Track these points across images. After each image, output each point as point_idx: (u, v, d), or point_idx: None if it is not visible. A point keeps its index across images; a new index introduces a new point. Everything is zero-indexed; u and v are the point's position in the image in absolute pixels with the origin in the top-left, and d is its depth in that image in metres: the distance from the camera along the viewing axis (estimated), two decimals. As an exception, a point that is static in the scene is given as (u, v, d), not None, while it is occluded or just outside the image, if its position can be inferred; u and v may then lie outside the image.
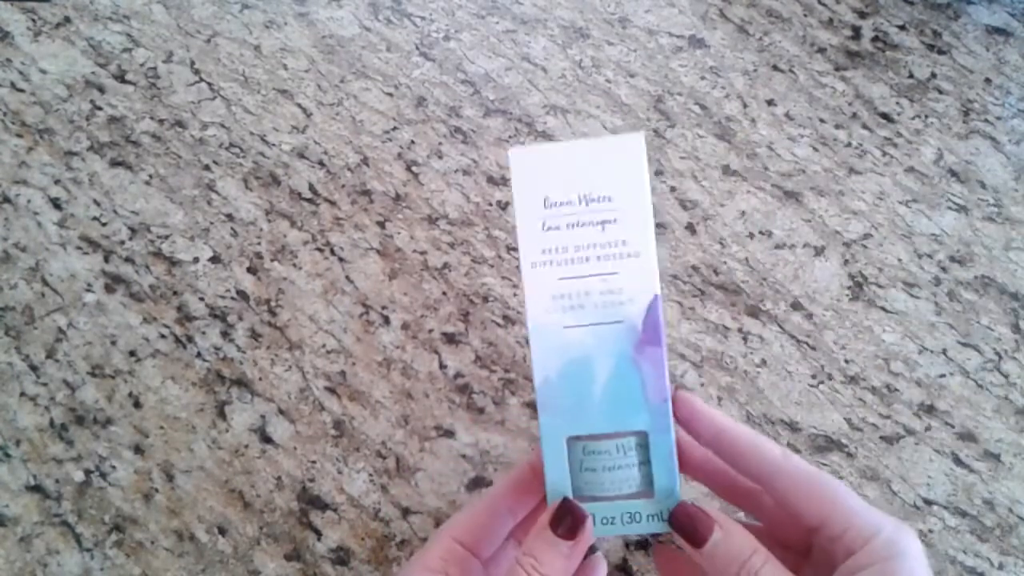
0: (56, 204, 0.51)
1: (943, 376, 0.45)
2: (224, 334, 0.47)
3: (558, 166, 0.33)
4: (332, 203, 0.51)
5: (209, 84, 0.56)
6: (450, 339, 0.46)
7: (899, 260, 0.49)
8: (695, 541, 0.30)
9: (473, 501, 0.35)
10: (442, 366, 0.45)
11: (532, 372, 0.32)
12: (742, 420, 0.44)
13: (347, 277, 0.48)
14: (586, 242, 0.32)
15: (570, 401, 0.32)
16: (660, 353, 0.32)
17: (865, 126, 0.54)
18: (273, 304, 0.48)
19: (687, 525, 0.30)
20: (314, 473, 0.43)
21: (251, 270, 0.49)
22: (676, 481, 0.32)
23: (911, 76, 0.56)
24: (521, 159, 0.33)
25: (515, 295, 0.48)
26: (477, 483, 0.41)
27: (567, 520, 0.31)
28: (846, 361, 0.45)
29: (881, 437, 0.43)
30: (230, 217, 0.51)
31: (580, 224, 0.32)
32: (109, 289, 0.48)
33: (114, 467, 0.43)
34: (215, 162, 0.53)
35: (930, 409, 0.44)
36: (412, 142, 0.53)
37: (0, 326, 0.47)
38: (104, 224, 0.51)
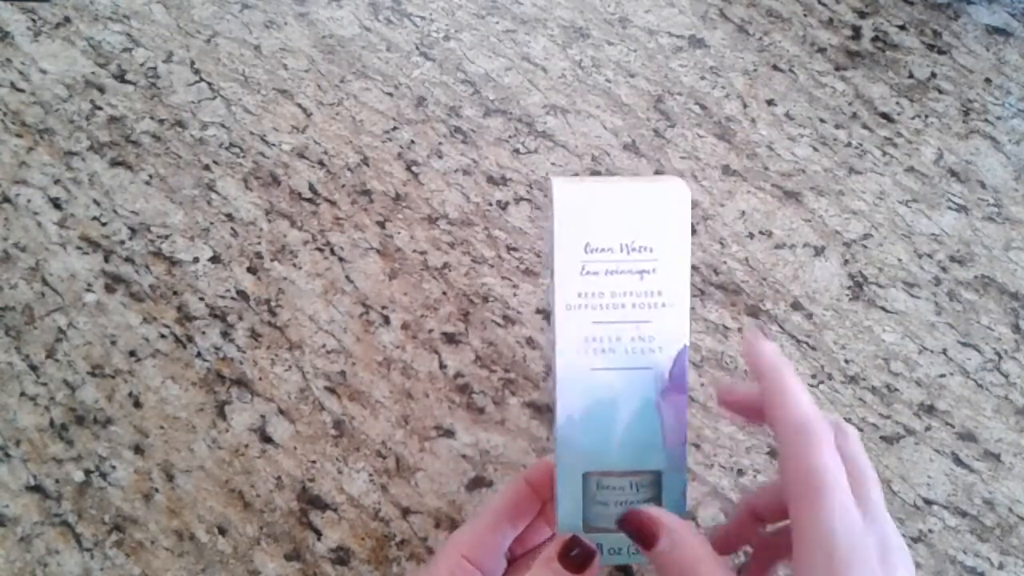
0: (56, 204, 0.51)
1: (943, 376, 0.45)
2: (224, 334, 0.47)
3: (601, 209, 0.32)
4: (332, 203, 0.51)
5: (209, 84, 0.56)
6: (450, 339, 0.46)
7: (899, 260, 0.49)
8: (644, 544, 0.30)
9: (476, 516, 0.36)
10: (442, 366, 0.45)
11: (555, 409, 0.33)
12: (742, 420, 0.44)
13: (347, 277, 0.48)
14: (623, 290, 0.32)
15: (591, 439, 0.33)
16: (683, 400, 0.33)
17: (865, 126, 0.54)
18: (273, 304, 0.48)
19: (634, 530, 0.31)
20: (314, 473, 0.43)
21: (251, 270, 0.49)
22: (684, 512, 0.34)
23: (911, 76, 0.56)
24: (565, 195, 0.32)
25: (515, 295, 0.48)
26: (477, 483, 0.41)
27: (576, 555, 0.32)
28: (846, 361, 0.45)
29: (881, 437, 0.43)
30: (230, 217, 0.51)
31: (619, 272, 0.32)
32: (109, 289, 0.48)
33: (114, 467, 0.43)
34: (215, 162, 0.53)
35: (930, 409, 0.44)
36: (412, 142, 0.53)
37: (0, 326, 0.47)
38: (104, 224, 0.51)
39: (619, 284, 0.32)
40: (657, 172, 0.52)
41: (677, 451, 0.33)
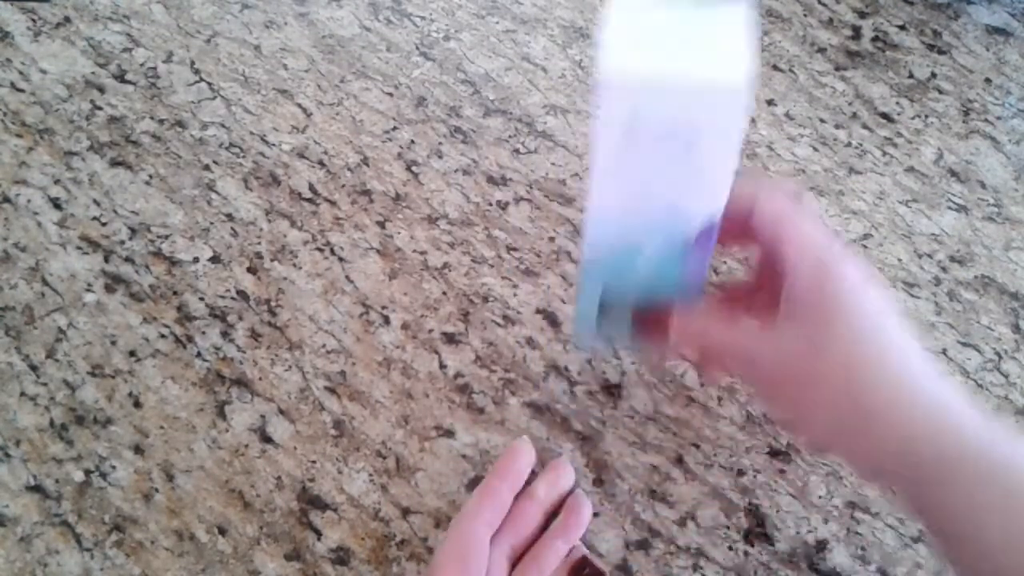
0: (56, 204, 0.51)
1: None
2: (224, 334, 0.47)
3: (653, 82, 0.30)
4: (332, 203, 0.51)
5: (209, 84, 0.56)
6: (450, 339, 0.46)
7: (899, 260, 0.49)
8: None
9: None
10: (442, 366, 0.45)
11: (586, 240, 0.35)
12: (742, 420, 0.44)
13: (347, 277, 0.48)
14: (666, 157, 0.32)
15: (617, 267, 0.36)
16: (710, 248, 0.35)
17: (865, 126, 0.54)
18: (273, 304, 0.48)
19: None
20: (314, 473, 0.43)
21: (251, 270, 0.49)
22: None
23: (911, 76, 0.56)
24: (616, 64, 0.30)
25: (515, 295, 0.48)
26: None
27: (587, 574, 0.33)
28: (846, 361, 0.45)
29: (881, 437, 0.43)
30: (230, 217, 0.51)
31: (665, 139, 0.31)
32: (109, 289, 0.48)
33: (114, 467, 0.43)
34: (215, 162, 0.53)
35: (930, 409, 0.44)
36: (412, 142, 0.53)
37: (0, 326, 0.47)
38: (104, 224, 0.51)
39: (664, 150, 0.32)
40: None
41: (695, 283, 0.37)
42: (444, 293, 0.48)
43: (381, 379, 0.45)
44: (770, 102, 0.54)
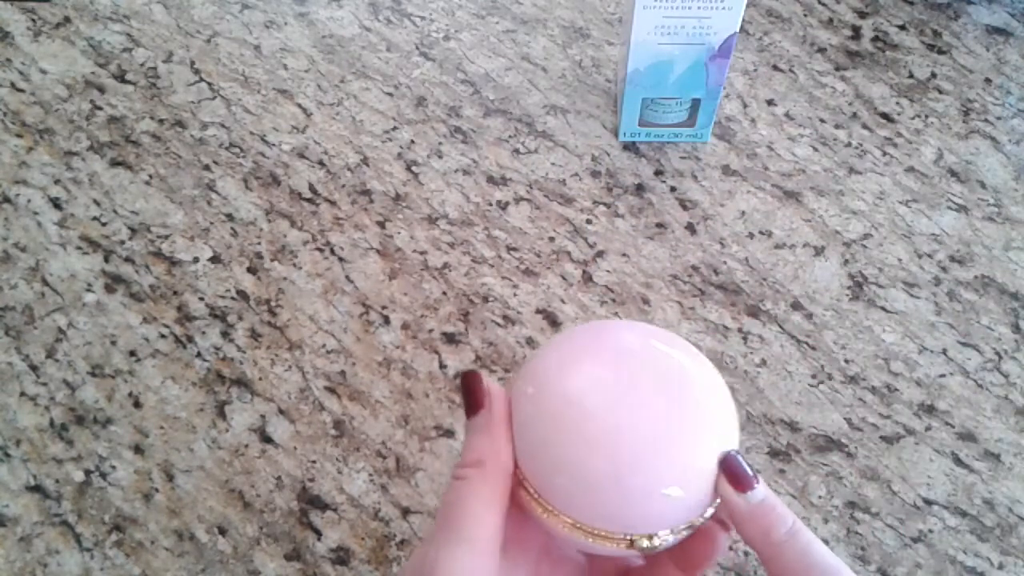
0: (56, 204, 0.51)
1: (943, 376, 0.45)
2: (224, 334, 0.47)
3: None
4: (332, 203, 0.51)
5: (209, 84, 0.56)
6: (450, 339, 0.46)
7: (899, 260, 0.49)
8: (741, 485, 0.26)
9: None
10: (442, 366, 0.45)
11: (626, 66, 0.47)
12: (742, 420, 0.44)
13: (347, 277, 0.48)
14: None
15: (651, 81, 0.47)
16: (726, 64, 0.46)
17: (865, 126, 0.54)
18: (273, 304, 0.48)
19: (737, 471, 0.26)
20: (314, 473, 0.43)
21: (251, 270, 0.49)
22: (712, 121, 0.51)
23: (911, 76, 0.56)
24: None
25: (515, 295, 0.48)
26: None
27: (467, 391, 0.29)
28: (846, 361, 0.45)
29: (881, 437, 0.43)
30: (230, 217, 0.51)
31: None
32: (109, 289, 0.48)
33: (114, 467, 0.43)
34: (215, 162, 0.53)
35: (930, 409, 0.44)
36: (412, 142, 0.53)
37: (0, 326, 0.47)
38: (104, 224, 0.51)
39: None
40: (657, 172, 0.52)
41: (715, 90, 0.48)
42: (444, 293, 0.48)
43: (381, 379, 0.45)
44: (770, 102, 0.54)
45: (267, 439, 0.44)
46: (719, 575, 0.39)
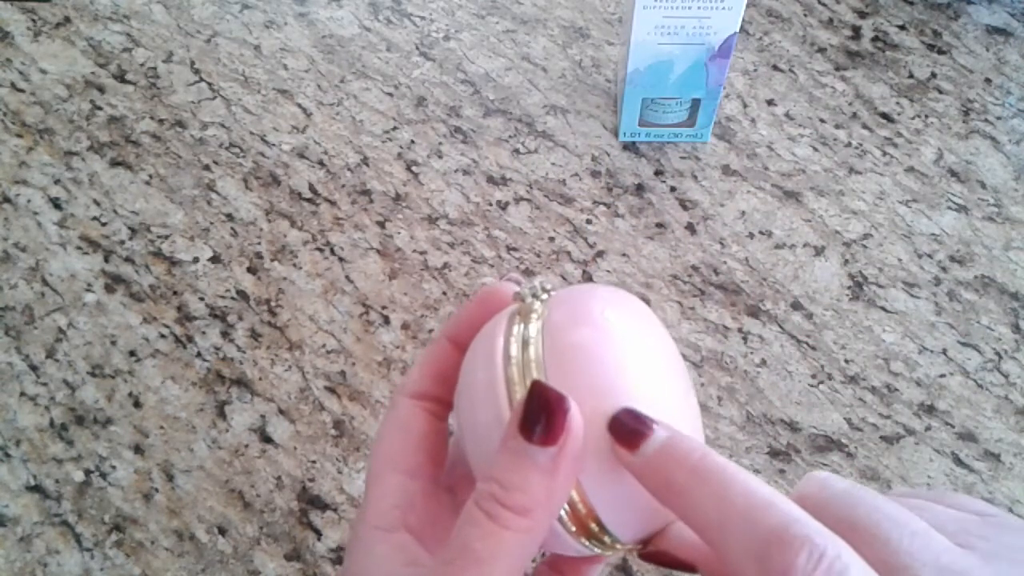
0: (56, 204, 0.51)
1: (943, 376, 0.45)
2: (224, 334, 0.47)
3: None
4: (332, 203, 0.51)
5: (209, 84, 0.56)
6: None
7: (899, 260, 0.49)
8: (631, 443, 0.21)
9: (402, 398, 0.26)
10: (442, 366, 0.45)
11: (627, 67, 0.47)
12: (742, 420, 0.44)
13: (347, 277, 0.48)
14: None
15: (651, 81, 0.48)
16: (726, 64, 0.46)
17: (865, 126, 0.54)
18: (273, 304, 0.48)
19: (623, 428, 0.21)
20: (314, 473, 0.43)
21: (251, 270, 0.49)
22: (712, 121, 0.51)
23: (911, 76, 0.56)
24: None
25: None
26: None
27: (543, 412, 0.20)
28: (846, 361, 0.45)
29: (881, 437, 0.43)
30: (230, 217, 0.51)
31: None
32: (109, 289, 0.48)
33: (114, 467, 0.43)
34: (215, 162, 0.53)
35: (930, 409, 0.44)
36: (412, 142, 0.53)
37: (0, 326, 0.47)
38: (104, 224, 0.51)
39: None
40: (657, 172, 0.52)
41: (715, 90, 0.48)
42: (444, 293, 0.48)
43: (381, 379, 0.45)
44: (770, 102, 0.54)
45: (267, 439, 0.44)
46: None
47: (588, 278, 0.48)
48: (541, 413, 0.20)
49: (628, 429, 0.21)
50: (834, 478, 0.22)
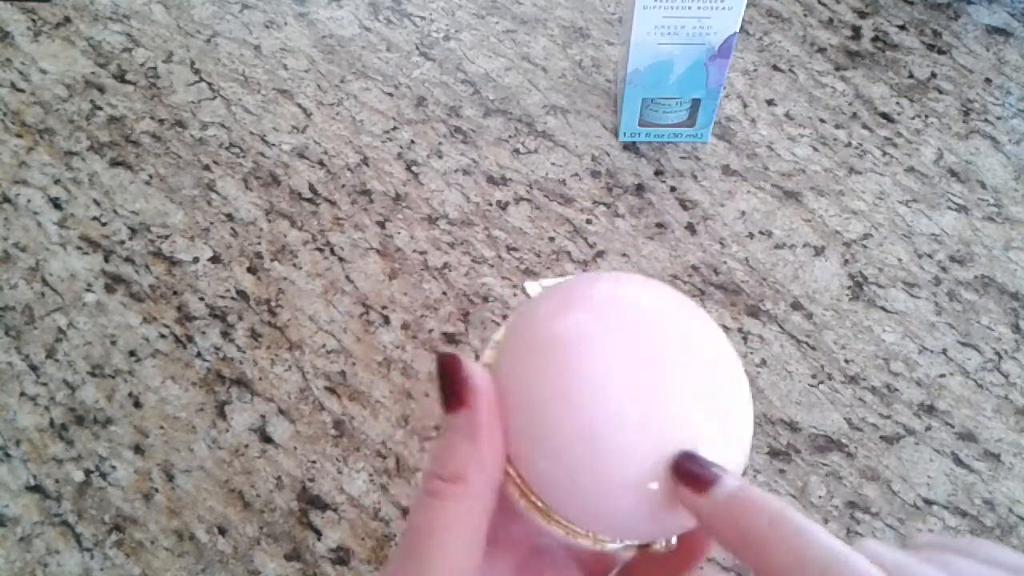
0: (56, 204, 0.51)
1: (943, 376, 0.45)
2: (224, 334, 0.47)
3: None
4: (332, 203, 0.51)
5: (209, 84, 0.56)
6: (450, 339, 0.46)
7: (899, 260, 0.49)
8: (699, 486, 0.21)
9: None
10: (442, 366, 0.45)
11: (627, 67, 0.47)
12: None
13: (347, 277, 0.48)
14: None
15: (651, 81, 0.48)
16: (726, 64, 0.47)
17: (865, 126, 0.54)
18: (273, 304, 0.48)
19: (689, 470, 0.21)
20: (314, 473, 0.43)
21: (251, 270, 0.49)
22: (712, 121, 0.51)
23: (911, 76, 0.56)
24: None
25: (515, 295, 0.48)
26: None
27: (444, 377, 0.21)
28: (846, 361, 0.45)
29: (881, 437, 0.43)
30: (230, 217, 0.51)
31: None
32: (109, 289, 0.48)
33: (114, 467, 0.43)
34: (215, 162, 0.53)
35: (930, 409, 0.44)
36: (412, 142, 0.53)
37: (0, 326, 0.47)
38: (104, 224, 0.51)
39: None
40: (657, 172, 0.52)
41: (715, 90, 0.48)
42: (444, 293, 0.48)
43: (381, 379, 0.45)
44: (770, 102, 0.54)
45: (267, 439, 0.44)
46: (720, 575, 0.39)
47: (588, 278, 0.48)
48: (444, 380, 0.22)
49: (693, 471, 0.21)
50: (884, 547, 0.22)
